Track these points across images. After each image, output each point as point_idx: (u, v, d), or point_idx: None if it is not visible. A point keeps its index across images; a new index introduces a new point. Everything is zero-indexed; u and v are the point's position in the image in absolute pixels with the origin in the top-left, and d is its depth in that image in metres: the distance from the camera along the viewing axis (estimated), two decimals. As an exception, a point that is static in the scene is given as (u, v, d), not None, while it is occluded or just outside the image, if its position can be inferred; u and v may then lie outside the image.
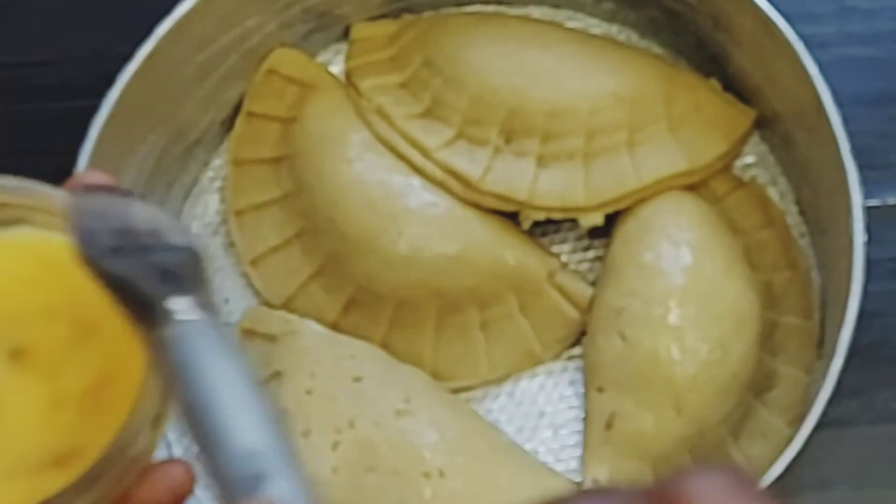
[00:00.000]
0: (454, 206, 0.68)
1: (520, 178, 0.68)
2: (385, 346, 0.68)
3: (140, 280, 0.36)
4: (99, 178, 0.41)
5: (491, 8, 0.73)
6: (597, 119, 0.68)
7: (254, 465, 0.33)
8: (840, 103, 0.63)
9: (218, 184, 0.71)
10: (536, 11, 0.73)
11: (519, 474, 0.65)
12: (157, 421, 0.39)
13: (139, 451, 0.39)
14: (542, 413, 0.68)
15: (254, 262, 0.69)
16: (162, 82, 0.66)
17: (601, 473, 0.65)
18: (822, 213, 0.67)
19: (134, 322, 0.37)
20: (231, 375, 0.35)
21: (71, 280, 0.37)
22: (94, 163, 0.62)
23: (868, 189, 0.62)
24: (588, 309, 0.68)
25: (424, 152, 0.68)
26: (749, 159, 0.70)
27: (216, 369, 0.35)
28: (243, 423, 0.34)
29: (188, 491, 0.40)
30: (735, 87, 0.70)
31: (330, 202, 0.68)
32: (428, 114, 0.69)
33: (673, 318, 0.65)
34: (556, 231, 0.70)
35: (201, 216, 0.71)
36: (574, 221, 0.68)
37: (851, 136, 0.62)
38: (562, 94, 0.68)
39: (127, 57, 0.64)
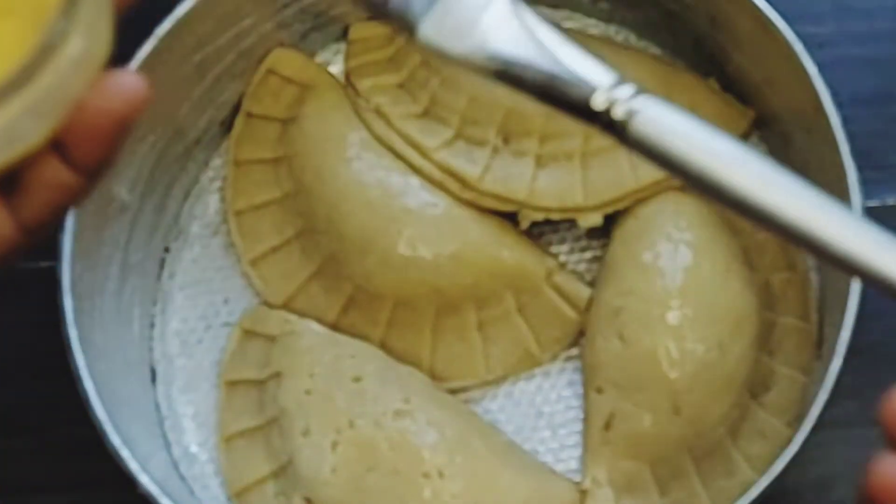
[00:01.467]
0: (453, 207, 0.68)
1: (518, 178, 0.68)
2: (383, 346, 0.68)
3: None
4: None
5: (489, 8, 0.73)
6: (595, 119, 0.68)
7: None
8: (839, 103, 0.63)
9: (218, 184, 0.71)
10: (535, 11, 0.73)
11: (518, 474, 0.65)
12: (106, 15, 0.39)
13: (91, 49, 0.38)
14: (540, 413, 0.68)
15: (253, 263, 0.69)
16: (161, 82, 0.66)
17: (600, 473, 0.66)
18: (821, 214, 0.67)
19: None
20: None
21: None
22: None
23: (867, 189, 0.62)
24: (586, 309, 0.68)
25: (423, 152, 0.68)
26: (748, 159, 0.70)
27: None
28: None
29: (142, 101, 0.39)
30: (733, 88, 0.70)
31: (329, 202, 0.68)
32: (426, 114, 0.69)
33: (671, 318, 0.65)
34: (555, 231, 0.70)
35: (201, 216, 0.71)
36: (572, 222, 0.68)
37: (850, 136, 0.62)
38: (560, 94, 0.68)
39: (127, 57, 0.64)
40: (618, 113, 0.42)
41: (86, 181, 0.39)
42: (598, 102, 0.42)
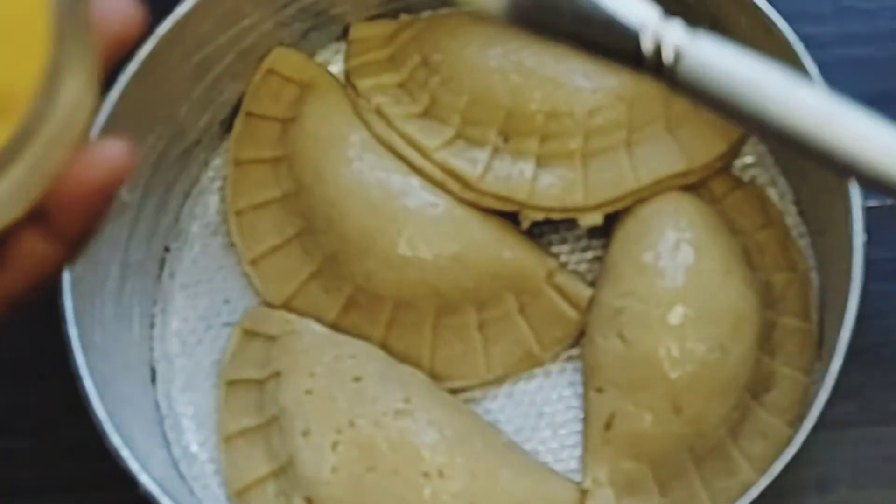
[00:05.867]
0: (453, 206, 0.68)
1: (519, 178, 0.68)
2: (384, 346, 0.68)
3: None
4: None
5: (490, 8, 0.73)
6: (595, 119, 0.68)
7: None
8: (839, 104, 0.62)
9: (218, 184, 0.71)
10: (535, 12, 0.73)
11: (518, 474, 0.65)
12: (89, 83, 0.37)
13: (73, 120, 0.36)
14: (541, 413, 0.68)
15: (254, 262, 0.69)
16: (161, 82, 0.66)
17: (601, 473, 0.65)
18: (821, 214, 0.67)
19: None
20: None
21: None
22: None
23: (867, 189, 0.62)
24: (587, 309, 0.68)
25: (423, 152, 0.68)
26: (748, 159, 0.70)
27: None
28: None
29: (126, 169, 0.38)
30: (734, 88, 0.70)
31: (329, 202, 0.68)
32: (426, 114, 0.69)
33: (672, 318, 0.65)
34: (555, 231, 0.70)
35: (202, 216, 0.71)
36: (573, 221, 0.68)
37: (850, 136, 0.62)
38: (560, 94, 0.68)
39: (127, 57, 0.64)
40: (667, 56, 0.38)
41: (67, 251, 0.38)
42: (645, 45, 0.38)
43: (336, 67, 0.72)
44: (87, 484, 0.68)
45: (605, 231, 0.68)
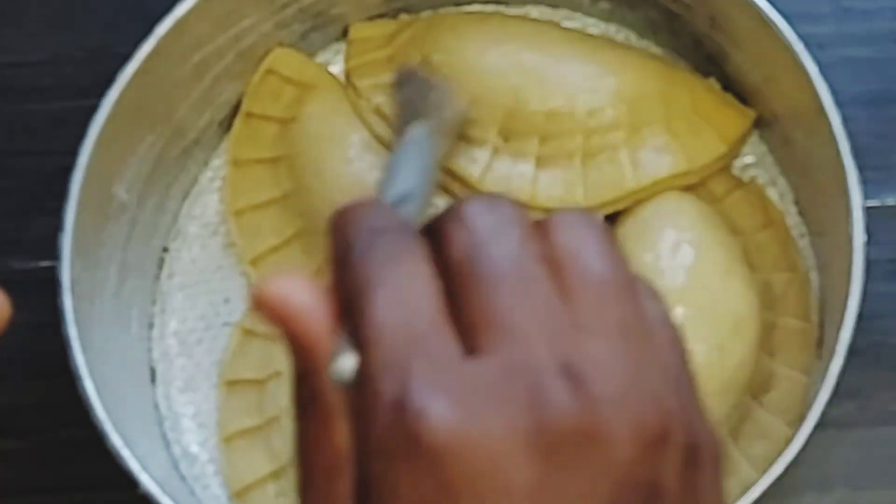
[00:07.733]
0: (453, 207, 0.68)
1: (519, 178, 0.67)
2: (384, 346, 0.68)
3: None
4: None
5: (489, 8, 0.73)
6: (595, 119, 0.67)
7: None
8: (839, 103, 0.62)
9: (217, 184, 0.71)
10: (535, 11, 0.73)
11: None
12: None
13: None
14: (541, 413, 0.68)
15: (254, 262, 0.69)
16: (161, 82, 0.66)
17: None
18: (821, 214, 0.67)
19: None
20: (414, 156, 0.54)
21: None
22: (94, 163, 0.62)
23: (867, 190, 0.62)
24: (586, 309, 0.68)
25: (423, 152, 0.68)
26: (748, 159, 0.70)
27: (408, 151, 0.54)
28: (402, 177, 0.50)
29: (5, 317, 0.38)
30: (734, 88, 0.70)
31: (329, 202, 0.67)
32: (427, 113, 0.69)
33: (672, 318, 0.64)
34: (555, 231, 0.70)
35: (201, 216, 0.71)
36: (573, 222, 0.68)
37: (850, 136, 0.62)
38: (560, 95, 0.68)
39: (127, 57, 0.64)
40: None
41: None
42: None
43: (336, 68, 0.72)
44: (87, 485, 0.68)
45: (605, 231, 0.68)
